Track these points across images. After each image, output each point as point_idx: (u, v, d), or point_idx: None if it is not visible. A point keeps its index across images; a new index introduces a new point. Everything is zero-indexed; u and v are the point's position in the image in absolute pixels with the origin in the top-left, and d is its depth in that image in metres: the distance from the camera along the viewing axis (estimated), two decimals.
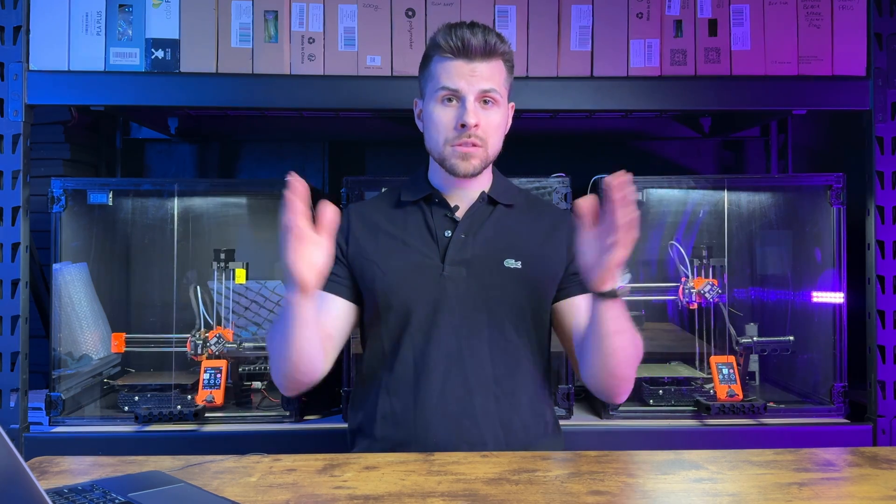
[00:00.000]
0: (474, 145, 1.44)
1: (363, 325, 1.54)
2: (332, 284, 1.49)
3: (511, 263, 1.47)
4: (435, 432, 1.40)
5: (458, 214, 1.51)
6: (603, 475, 1.24)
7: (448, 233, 1.49)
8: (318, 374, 1.40)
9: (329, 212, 1.28)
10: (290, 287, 1.29)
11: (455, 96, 1.45)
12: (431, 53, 1.49)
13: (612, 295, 1.27)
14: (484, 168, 1.49)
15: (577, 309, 1.49)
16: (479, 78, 1.44)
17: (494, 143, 1.48)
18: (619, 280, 1.27)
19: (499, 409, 1.43)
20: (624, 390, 1.41)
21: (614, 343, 1.30)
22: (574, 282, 1.50)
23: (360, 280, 1.50)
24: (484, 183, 1.54)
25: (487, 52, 1.44)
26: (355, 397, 1.55)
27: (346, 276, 1.51)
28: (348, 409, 1.55)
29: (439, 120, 1.46)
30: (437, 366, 1.42)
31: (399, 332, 1.45)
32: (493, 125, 1.46)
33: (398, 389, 1.44)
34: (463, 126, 1.43)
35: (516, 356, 1.46)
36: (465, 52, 1.43)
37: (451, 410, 1.41)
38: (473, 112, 1.43)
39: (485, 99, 1.45)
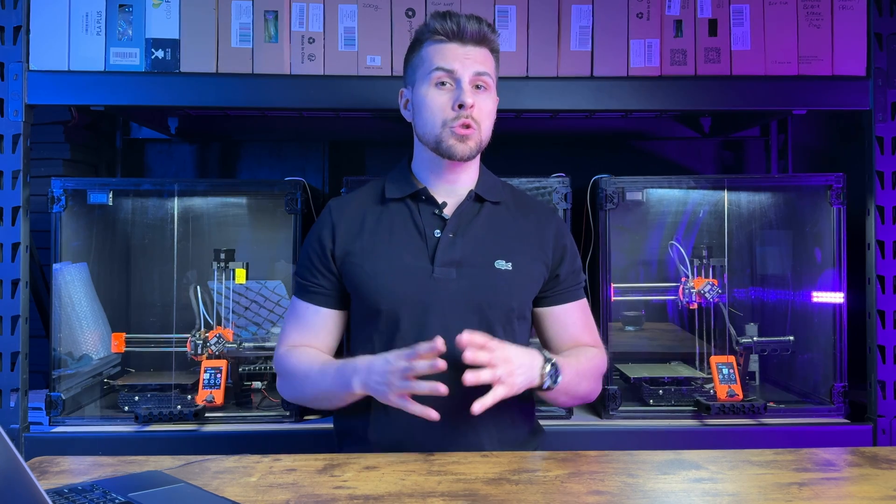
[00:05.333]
0: (470, 127, 1.44)
1: (351, 324, 1.53)
2: (319, 297, 1.50)
3: (502, 265, 1.46)
4: (432, 436, 1.39)
5: (447, 212, 1.49)
6: (603, 475, 1.24)
7: (437, 232, 1.47)
8: None
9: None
10: (358, 386, 1.35)
11: (451, 78, 1.44)
12: (423, 38, 1.48)
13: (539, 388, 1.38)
14: (478, 152, 1.48)
15: (556, 319, 1.53)
16: (473, 61, 1.44)
17: (487, 128, 1.48)
18: (547, 379, 1.36)
19: (494, 410, 1.41)
20: (584, 402, 1.59)
21: (559, 400, 1.49)
22: (556, 291, 1.53)
23: (347, 282, 1.48)
24: (471, 177, 1.52)
25: (481, 39, 1.46)
26: None
27: (333, 284, 1.50)
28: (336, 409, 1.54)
29: (434, 102, 1.45)
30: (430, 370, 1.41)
31: (389, 335, 1.44)
32: (486, 110, 1.46)
33: None
34: (461, 107, 1.42)
35: None
36: (459, 36, 1.44)
37: (448, 414, 1.40)
38: (469, 92, 1.43)
39: (477, 84, 1.45)
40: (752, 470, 1.26)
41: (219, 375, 1.97)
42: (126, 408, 1.99)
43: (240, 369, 2.07)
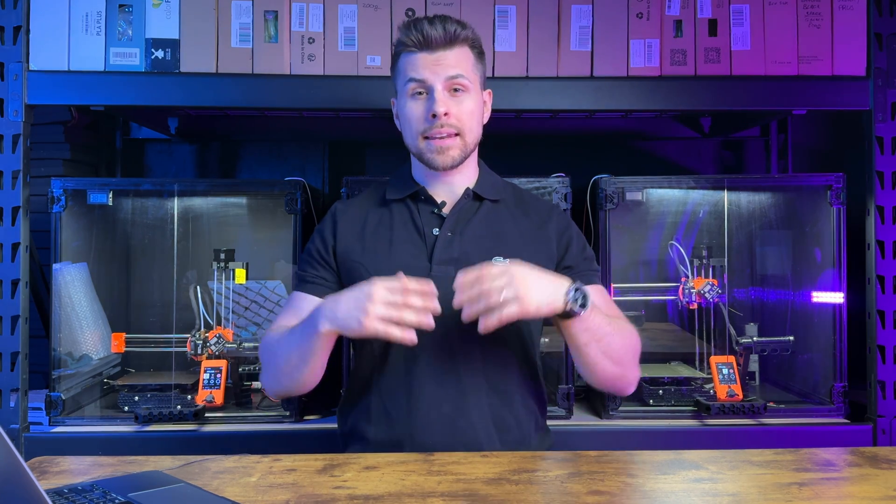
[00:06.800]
0: (449, 135, 1.44)
1: None
2: (317, 287, 1.50)
3: (500, 262, 1.44)
4: (430, 433, 1.40)
5: (445, 211, 1.50)
6: (603, 475, 1.24)
7: (435, 230, 1.48)
8: (315, 385, 1.44)
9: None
10: (324, 323, 1.29)
11: (423, 87, 1.45)
12: (398, 51, 1.50)
13: (567, 315, 1.29)
14: (464, 158, 1.48)
15: None
16: (445, 66, 1.44)
17: (472, 130, 1.47)
18: (570, 301, 1.28)
19: (492, 409, 1.43)
20: (625, 384, 1.44)
21: (591, 353, 1.35)
22: (573, 275, 1.49)
23: (348, 281, 1.47)
24: (469, 177, 1.53)
25: (449, 41, 1.44)
26: (347, 398, 1.54)
27: (334, 278, 1.51)
28: (339, 410, 1.55)
29: (411, 113, 1.46)
30: (430, 367, 1.41)
31: None
32: (466, 112, 1.45)
33: (391, 391, 1.43)
34: (434, 116, 1.43)
35: (505, 354, 1.45)
36: (426, 44, 1.44)
37: (446, 411, 1.41)
38: (443, 101, 1.43)
39: (454, 87, 1.45)
40: (752, 470, 1.26)
41: (219, 375, 1.97)
42: (126, 408, 1.99)
43: (240, 369, 2.07)
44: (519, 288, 1.24)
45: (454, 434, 1.40)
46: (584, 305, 1.30)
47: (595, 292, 1.50)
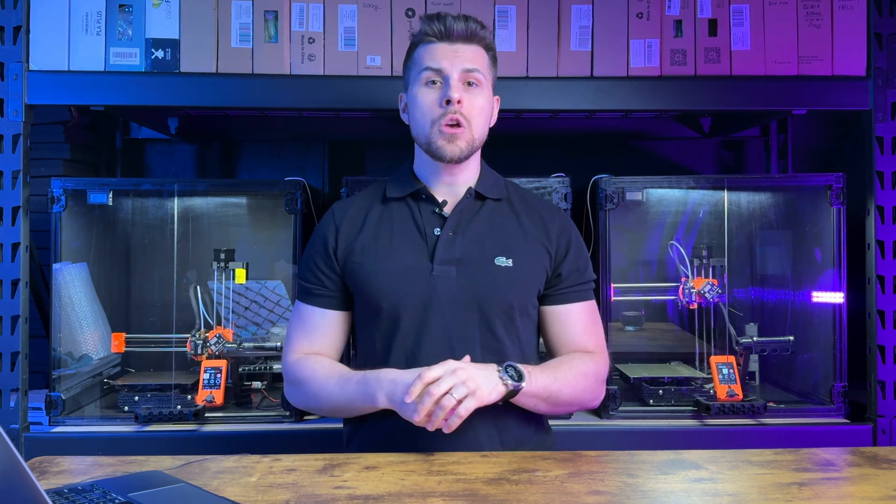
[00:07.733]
0: (459, 124, 1.44)
1: (355, 322, 1.54)
2: (323, 299, 1.51)
3: (502, 262, 1.46)
4: (432, 435, 1.39)
5: (447, 210, 1.50)
6: (603, 475, 1.24)
7: (437, 230, 1.47)
8: None
9: None
10: (384, 401, 1.34)
11: (439, 76, 1.45)
12: (415, 42, 1.51)
13: (512, 393, 1.35)
14: (470, 152, 1.47)
15: (557, 319, 1.52)
16: (462, 58, 1.45)
17: (479, 126, 1.47)
18: (507, 380, 1.33)
19: (493, 409, 1.42)
20: (582, 409, 1.67)
21: (542, 409, 1.44)
22: (560, 290, 1.51)
23: (350, 282, 1.49)
24: (471, 176, 1.53)
25: (469, 36, 1.46)
26: None
27: (336, 285, 1.50)
28: None
29: (423, 101, 1.46)
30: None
31: (389, 334, 1.44)
32: (477, 106, 1.46)
33: None
34: (448, 103, 1.43)
35: (505, 354, 1.45)
36: (447, 35, 1.46)
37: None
38: (457, 88, 1.44)
39: (469, 81, 1.46)
40: (752, 470, 1.26)
41: (219, 375, 1.97)
42: (126, 408, 1.99)
43: (240, 369, 2.07)
44: (468, 383, 1.28)
45: (456, 437, 1.39)
46: (520, 378, 1.35)
47: (580, 311, 1.53)
